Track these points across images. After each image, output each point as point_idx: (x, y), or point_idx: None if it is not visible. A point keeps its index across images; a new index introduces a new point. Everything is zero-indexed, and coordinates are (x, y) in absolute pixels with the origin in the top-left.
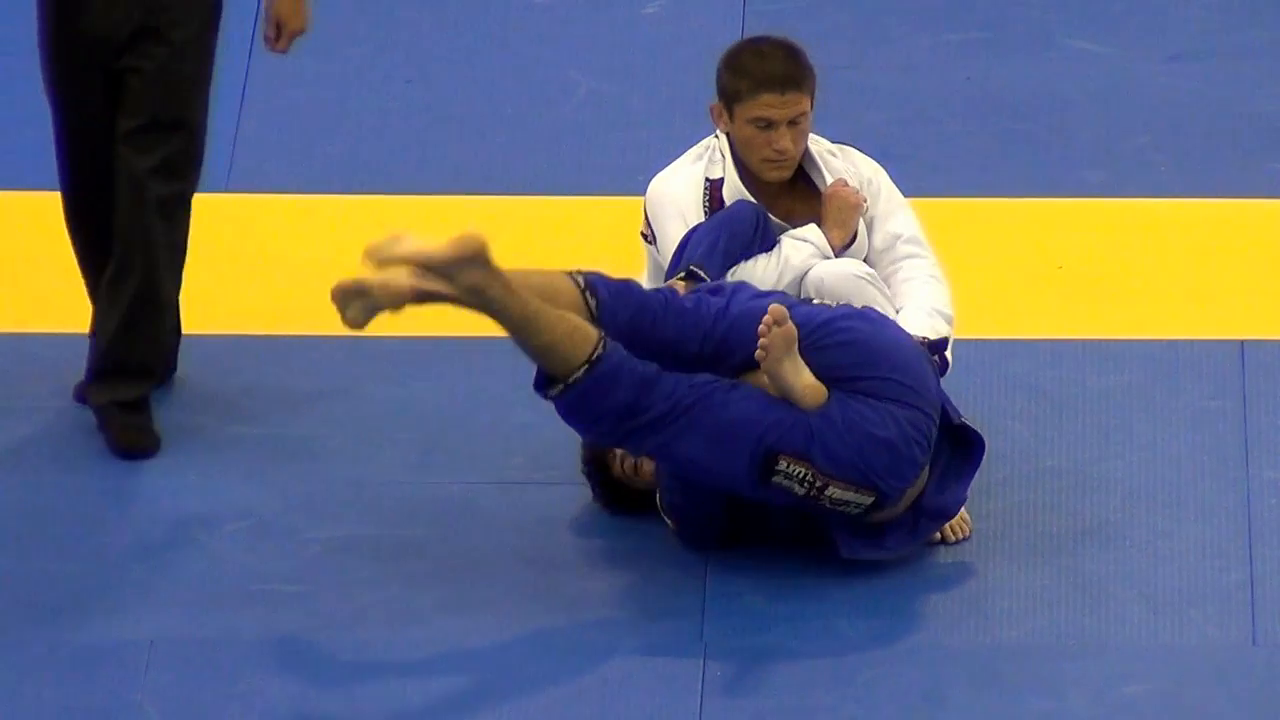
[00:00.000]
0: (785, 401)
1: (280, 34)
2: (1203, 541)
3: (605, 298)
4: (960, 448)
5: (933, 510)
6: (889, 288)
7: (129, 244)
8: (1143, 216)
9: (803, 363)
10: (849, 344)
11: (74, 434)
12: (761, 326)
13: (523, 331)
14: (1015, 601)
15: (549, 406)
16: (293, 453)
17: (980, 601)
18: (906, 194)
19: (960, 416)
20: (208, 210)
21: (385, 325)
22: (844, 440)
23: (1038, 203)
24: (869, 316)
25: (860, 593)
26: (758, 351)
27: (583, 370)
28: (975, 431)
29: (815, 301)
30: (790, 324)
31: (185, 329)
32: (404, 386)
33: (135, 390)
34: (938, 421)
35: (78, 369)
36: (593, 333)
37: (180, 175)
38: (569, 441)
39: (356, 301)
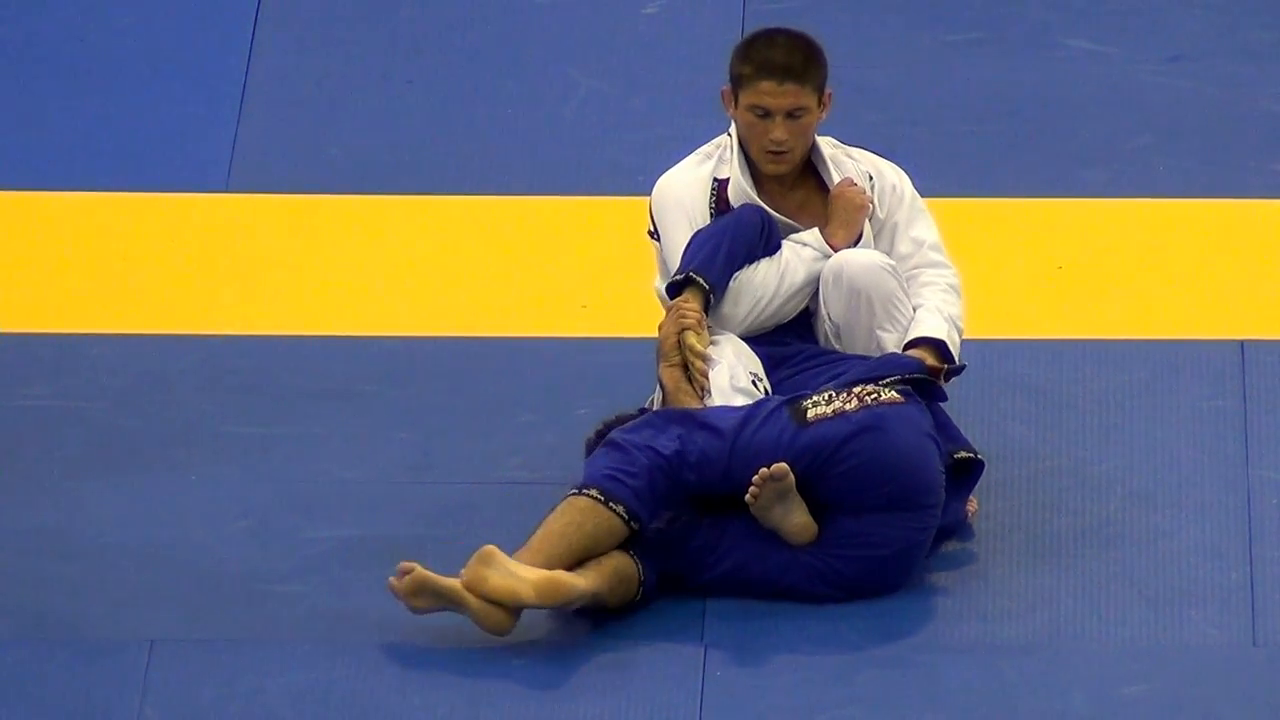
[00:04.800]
0: (780, 542)
1: None
2: (1203, 541)
3: (645, 520)
4: (959, 469)
5: (940, 530)
6: (909, 287)
7: None
8: (1143, 216)
9: (797, 504)
10: (856, 469)
11: (74, 434)
12: (757, 478)
13: (596, 603)
14: (1015, 601)
15: (548, 407)
16: (293, 453)
17: (980, 601)
18: None
19: (959, 449)
20: (208, 210)
21: (385, 325)
22: (844, 574)
23: (1038, 203)
24: (877, 425)
25: None
26: (747, 496)
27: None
28: (975, 460)
29: (832, 341)
30: (789, 478)
31: (186, 329)
32: (404, 386)
33: None
34: (943, 499)
35: (78, 369)
36: (632, 570)
37: None
38: (569, 442)
39: (430, 601)
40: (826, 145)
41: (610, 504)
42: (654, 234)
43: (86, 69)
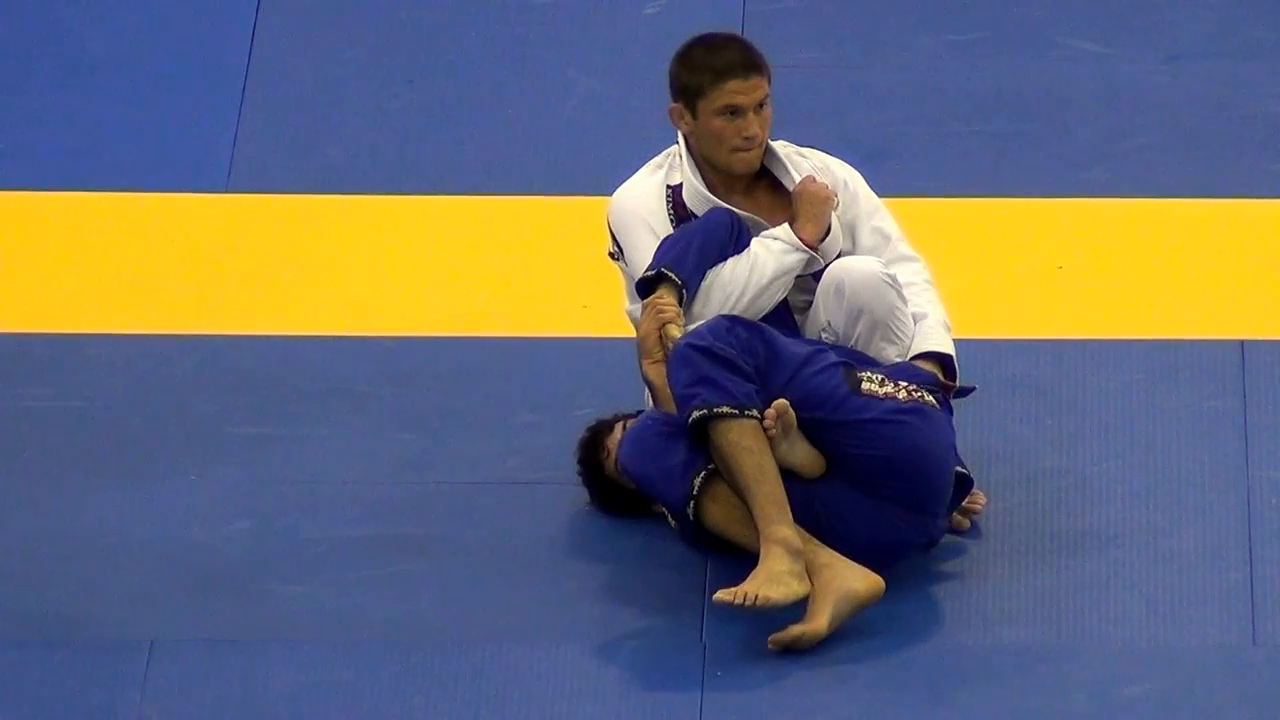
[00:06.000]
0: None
1: None
2: (1203, 541)
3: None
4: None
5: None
6: None
7: None
8: (1143, 216)
9: (800, 440)
10: (885, 455)
11: (74, 434)
12: (769, 412)
13: None
14: (1015, 601)
15: (548, 407)
16: (293, 453)
17: (980, 601)
18: (907, 195)
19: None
20: (208, 210)
21: (385, 325)
22: (842, 530)
23: (1038, 203)
24: (918, 420)
25: None
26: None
27: None
28: (965, 475)
29: (853, 337)
30: (789, 414)
31: (187, 329)
32: (404, 386)
33: None
34: (945, 519)
35: (78, 369)
36: None
37: None
38: (569, 442)
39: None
40: (779, 146)
41: (746, 413)
42: (614, 254)
43: (86, 69)
